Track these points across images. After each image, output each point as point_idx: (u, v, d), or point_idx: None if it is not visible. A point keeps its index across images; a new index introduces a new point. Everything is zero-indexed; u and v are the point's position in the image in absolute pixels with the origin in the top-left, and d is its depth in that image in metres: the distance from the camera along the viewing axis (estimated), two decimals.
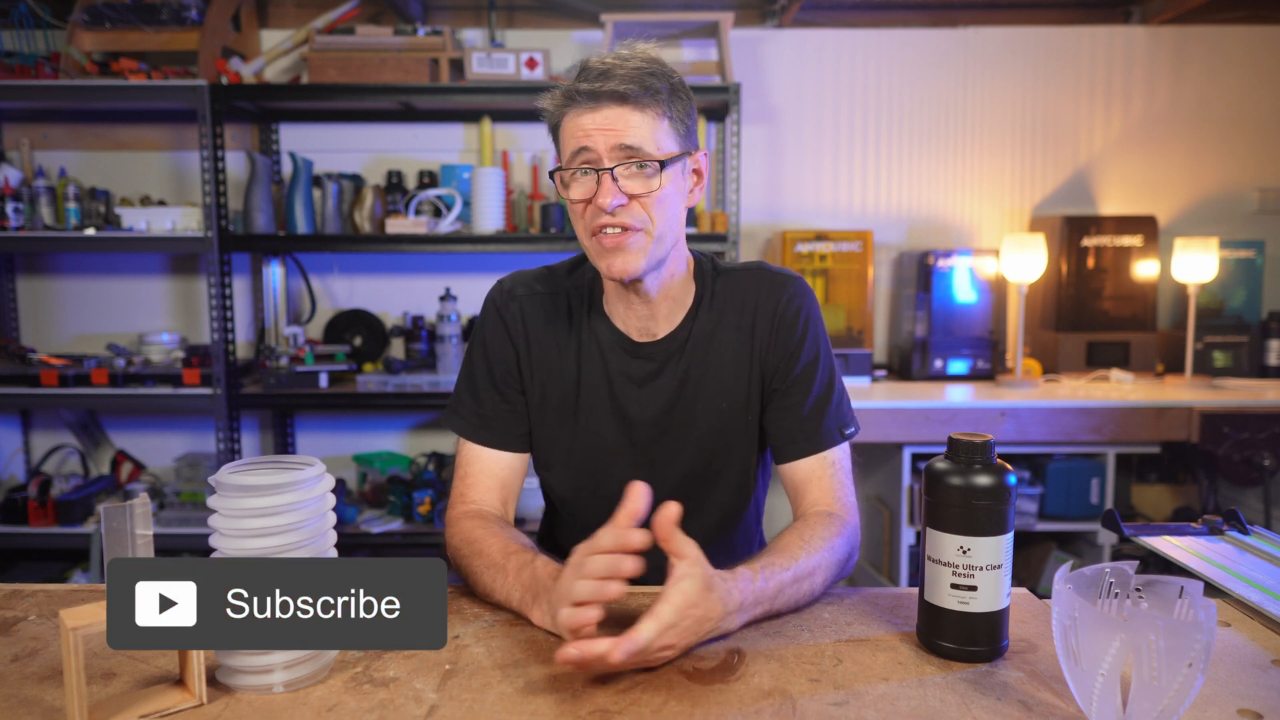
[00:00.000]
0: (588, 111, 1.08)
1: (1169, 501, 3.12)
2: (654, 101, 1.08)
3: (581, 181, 1.10)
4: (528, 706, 0.81)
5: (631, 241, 1.09)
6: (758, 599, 0.96)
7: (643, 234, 1.09)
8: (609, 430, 1.21)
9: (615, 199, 1.07)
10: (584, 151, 1.08)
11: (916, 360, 3.01)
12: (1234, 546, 1.17)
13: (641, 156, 1.08)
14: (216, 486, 0.82)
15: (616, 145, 1.07)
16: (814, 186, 3.23)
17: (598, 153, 1.08)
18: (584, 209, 1.11)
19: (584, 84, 1.08)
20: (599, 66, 1.09)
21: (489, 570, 1.04)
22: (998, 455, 0.90)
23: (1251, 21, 3.16)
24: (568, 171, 1.11)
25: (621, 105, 1.07)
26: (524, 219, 3.03)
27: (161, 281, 3.19)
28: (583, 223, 1.12)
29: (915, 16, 3.19)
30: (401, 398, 2.81)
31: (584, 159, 1.09)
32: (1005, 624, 0.90)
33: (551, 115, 1.14)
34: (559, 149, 1.15)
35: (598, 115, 1.08)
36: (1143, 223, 3.05)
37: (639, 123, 1.08)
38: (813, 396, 1.18)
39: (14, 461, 3.21)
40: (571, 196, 1.11)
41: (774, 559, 1.00)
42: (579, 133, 1.08)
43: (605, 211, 1.08)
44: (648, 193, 1.09)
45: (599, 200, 1.08)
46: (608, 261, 1.10)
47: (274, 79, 3.05)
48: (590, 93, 1.07)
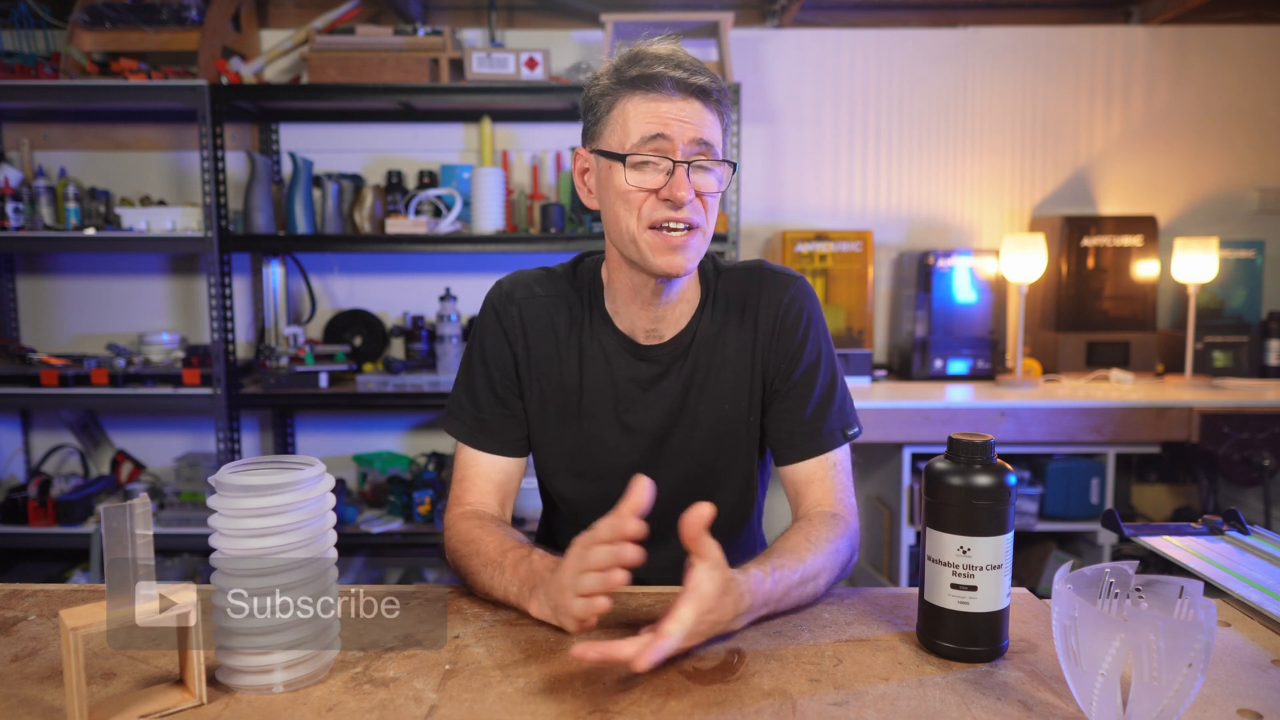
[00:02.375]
0: (666, 100, 1.04)
1: (1169, 501, 3.12)
2: (723, 104, 1.08)
3: (651, 170, 1.06)
4: (528, 706, 0.81)
5: (692, 240, 1.07)
6: (766, 600, 0.96)
7: (699, 233, 1.08)
8: (612, 434, 1.20)
9: (691, 192, 1.05)
10: (659, 139, 1.04)
11: (916, 360, 3.01)
12: (1234, 546, 1.17)
13: (710, 157, 1.07)
14: (216, 486, 0.82)
15: (695, 139, 1.05)
16: (814, 186, 3.23)
17: (675, 142, 1.04)
18: (644, 199, 1.06)
19: (669, 70, 1.04)
20: (673, 57, 1.06)
21: (487, 568, 1.04)
22: (997, 455, 0.90)
23: (1252, 21, 3.16)
24: (636, 156, 1.05)
25: (702, 101, 1.06)
26: (524, 219, 3.03)
27: (161, 281, 3.19)
28: (637, 212, 1.06)
29: (915, 16, 3.19)
30: (401, 398, 2.81)
31: (657, 146, 1.05)
32: (1005, 624, 0.90)
33: (608, 93, 1.08)
34: (603, 131, 1.09)
35: (676, 105, 1.05)
36: (1143, 223, 3.05)
37: (712, 122, 1.07)
38: (815, 398, 1.17)
39: (14, 461, 3.21)
40: (641, 184, 1.06)
41: (783, 560, 1.00)
42: (655, 118, 1.04)
43: (680, 206, 1.05)
44: (714, 192, 1.08)
45: (677, 193, 1.04)
46: (667, 258, 1.07)
47: (274, 79, 3.05)
48: (679, 82, 1.04)
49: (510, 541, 1.06)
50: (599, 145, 1.10)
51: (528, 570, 0.99)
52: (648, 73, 1.04)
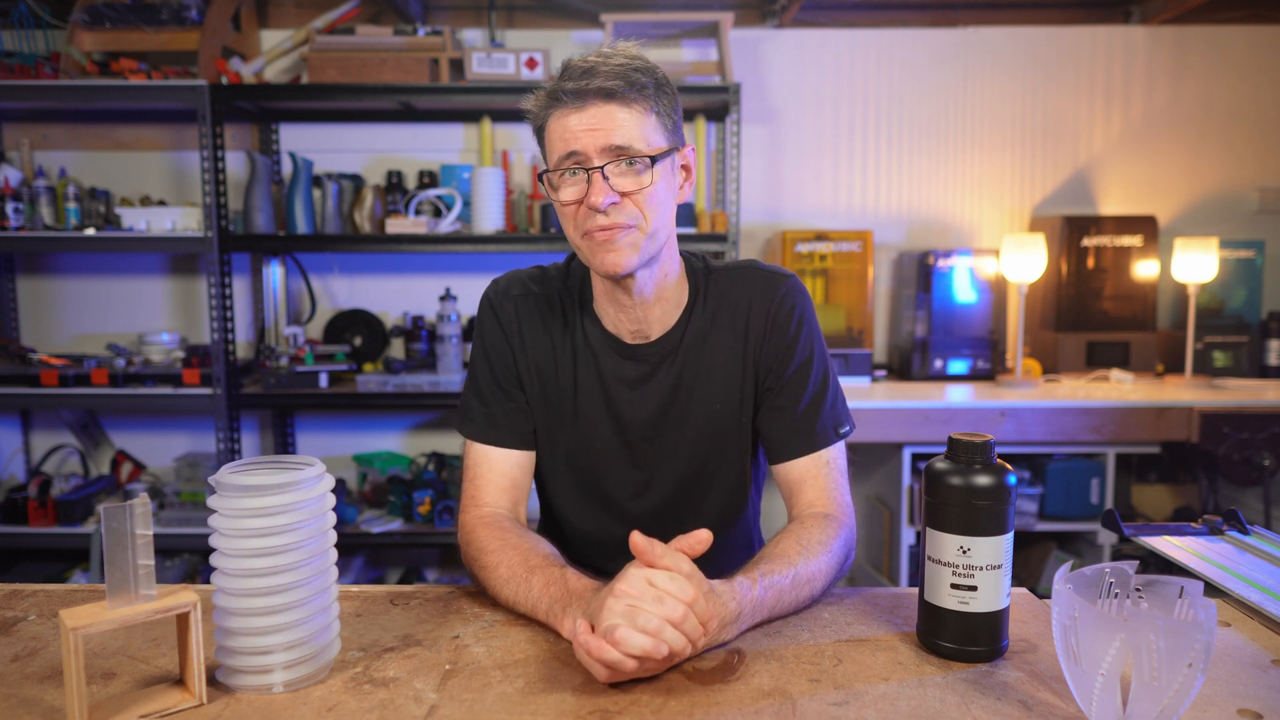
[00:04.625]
0: (574, 112, 1.05)
1: (1169, 501, 3.12)
2: (641, 96, 1.06)
3: (571, 183, 1.07)
4: (528, 706, 0.81)
5: (623, 237, 1.07)
6: (756, 607, 0.95)
7: (635, 230, 1.07)
8: (604, 433, 1.20)
9: (607, 197, 1.05)
10: (573, 155, 1.06)
11: (916, 360, 3.01)
12: (1234, 546, 1.17)
13: (631, 154, 1.05)
14: (216, 486, 0.82)
15: (606, 145, 1.05)
16: (814, 186, 3.23)
17: (586, 154, 1.05)
18: (575, 210, 1.08)
19: (569, 83, 1.05)
20: (582, 65, 1.06)
21: (510, 583, 1.01)
22: (997, 455, 0.90)
23: (1252, 21, 3.16)
24: (556, 174, 1.08)
25: (609, 102, 1.05)
26: (524, 219, 3.03)
27: (161, 281, 3.19)
28: (574, 224, 1.09)
29: (915, 16, 3.19)
30: (401, 398, 2.81)
31: (573, 160, 1.06)
32: (1005, 624, 0.90)
33: (536, 117, 1.11)
34: (545, 152, 1.12)
35: (584, 115, 1.05)
36: (1143, 223, 3.05)
37: (626, 119, 1.05)
38: (807, 396, 1.17)
39: (14, 461, 3.21)
40: (562, 199, 1.08)
41: (772, 565, 0.99)
42: (566, 134, 1.06)
43: (598, 211, 1.05)
44: (639, 189, 1.07)
45: (591, 200, 1.05)
46: (600, 258, 1.08)
47: (274, 79, 3.05)
48: (576, 91, 1.04)
49: (536, 556, 1.03)
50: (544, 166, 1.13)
51: (562, 590, 0.96)
52: (559, 89, 1.06)
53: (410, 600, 1.06)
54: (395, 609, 1.03)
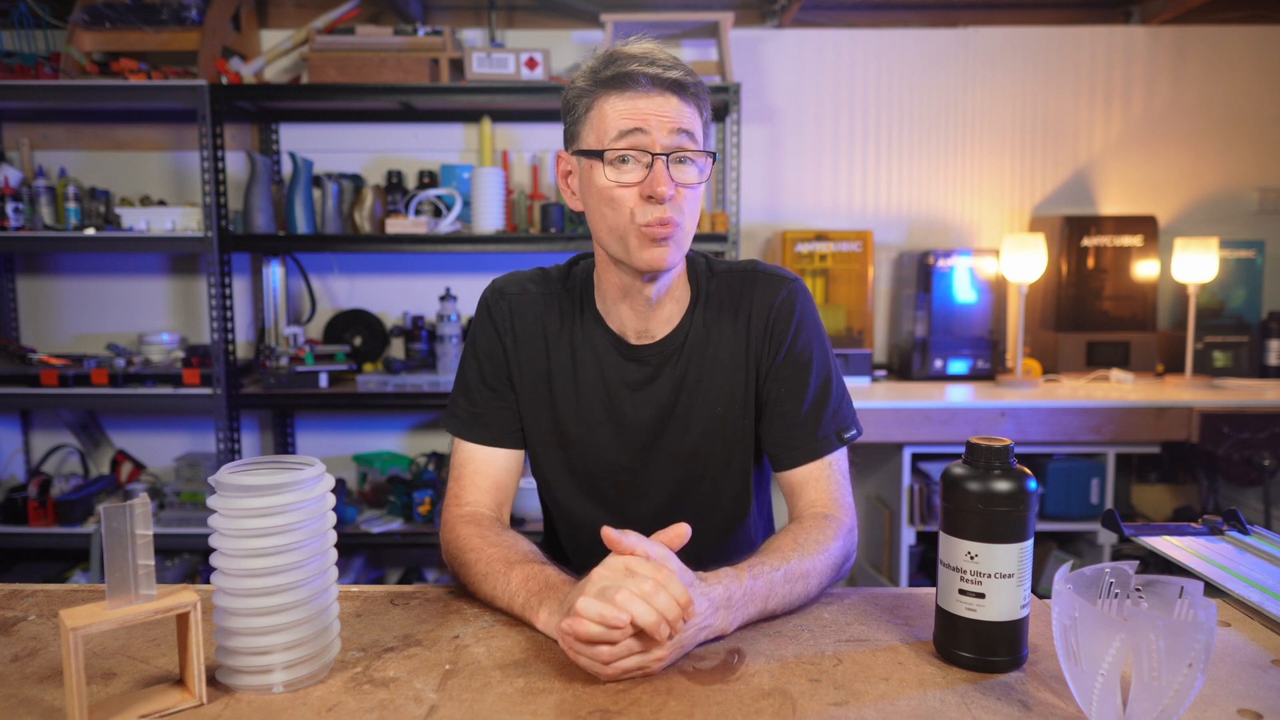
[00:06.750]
0: (643, 96, 1.04)
1: (1169, 501, 3.12)
2: (699, 97, 1.08)
3: (628, 165, 1.05)
4: (528, 706, 0.81)
5: (674, 234, 1.06)
6: (748, 596, 0.94)
7: (681, 228, 1.07)
8: (604, 435, 1.19)
9: (670, 187, 1.04)
10: (637, 134, 1.04)
11: (916, 360, 3.01)
12: (1234, 546, 1.17)
13: (691, 150, 1.06)
14: (216, 486, 0.82)
15: (675, 129, 1.04)
16: (814, 186, 3.23)
17: (653, 136, 1.04)
18: (626, 195, 1.05)
19: (644, 68, 1.04)
20: (647, 54, 1.06)
21: (489, 578, 1.02)
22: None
23: (1252, 21, 3.16)
24: (613, 152, 1.05)
25: (679, 95, 1.05)
26: (524, 219, 3.03)
27: (161, 281, 3.19)
28: (622, 209, 1.06)
29: (915, 16, 3.19)
30: (401, 398, 2.81)
31: (635, 141, 1.04)
32: (1023, 635, 0.87)
33: (585, 94, 1.08)
34: (582, 132, 1.09)
35: (653, 101, 1.04)
36: (1143, 223, 3.05)
37: (691, 115, 1.07)
38: (808, 401, 1.16)
39: (14, 461, 3.21)
40: (620, 180, 1.05)
41: (764, 559, 0.99)
42: (632, 114, 1.04)
43: (661, 202, 1.04)
44: (695, 184, 1.07)
45: (657, 187, 1.03)
46: (649, 252, 1.06)
47: (274, 79, 3.05)
48: (654, 78, 1.04)
49: (515, 552, 1.04)
50: (579, 146, 1.10)
51: (541, 583, 0.97)
52: (622, 71, 1.04)
53: (410, 600, 1.06)
54: (395, 609, 1.03)
